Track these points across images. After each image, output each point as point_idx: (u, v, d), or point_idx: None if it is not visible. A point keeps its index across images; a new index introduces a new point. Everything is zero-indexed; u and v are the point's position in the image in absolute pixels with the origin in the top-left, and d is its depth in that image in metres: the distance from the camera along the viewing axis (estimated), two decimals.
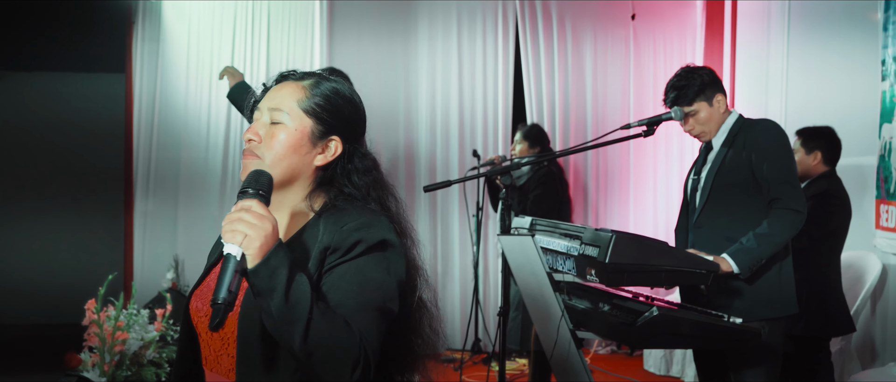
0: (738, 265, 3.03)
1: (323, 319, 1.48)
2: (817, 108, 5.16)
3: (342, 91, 1.74)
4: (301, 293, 1.47)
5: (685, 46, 6.78)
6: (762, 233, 3.05)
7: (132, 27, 6.31)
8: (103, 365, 4.31)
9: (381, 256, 1.61)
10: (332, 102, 1.71)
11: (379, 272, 1.60)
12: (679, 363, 5.66)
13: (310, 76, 1.75)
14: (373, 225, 1.62)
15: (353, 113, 1.75)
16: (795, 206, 3.07)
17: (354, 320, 1.52)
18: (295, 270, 1.49)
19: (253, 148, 1.67)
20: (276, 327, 1.47)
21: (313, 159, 1.71)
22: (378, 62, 6.55)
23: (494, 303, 6.54)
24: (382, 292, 1.59)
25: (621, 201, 6.79)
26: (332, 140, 1.71)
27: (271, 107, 1.69)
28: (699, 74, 3.28)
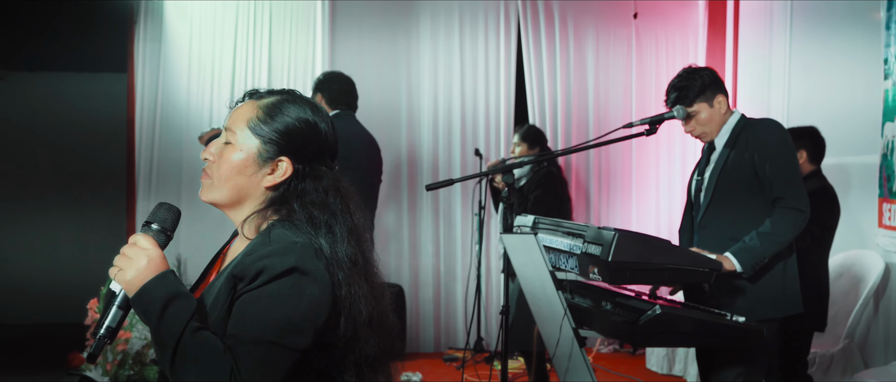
0: (741, 263, 3.03)
1: (194, 347, 1.48)
2: (819, 107, 5.16)
3: (298, 112, 1.70)
4: (173, 320, 1.50)
5: (687, 45, 6.78)
6: (765, 232, 3.05)
7: (134, 27, 6.31)
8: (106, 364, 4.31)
9: (288, 285, 1.53)
10: (281, 122, 1.68)
11: (279, 303, 1.52)
12: (681, 361, 5.66)
13: (270, 95, 1.74)
14: (282, 253, 1.55)
15: (308, 134, 1.69)
16: (799, 205, 3.07)
17: (237, 352, 1.49)
18: (175, 300, 1.52)
19: (206, 168, 1.72)
20: (156, 353, 1.53)
21: (262, 180, 1.68)
22: (380, 62, 6.55)
23: (497, 302, 6.54)
24: (279, 324, 1.51)
25: (624, 199, 6.79)
26: (282, 161, 1.68)
27: (226, 127, 1.73)
28: (700, 74, 3.28)
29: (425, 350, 6.51)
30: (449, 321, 6.60)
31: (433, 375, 5.75)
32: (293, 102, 1.71)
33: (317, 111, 1.73)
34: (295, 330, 1.52)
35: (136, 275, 1.55)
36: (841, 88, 5.03)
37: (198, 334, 1.50)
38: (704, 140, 3.34)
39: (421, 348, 6.52)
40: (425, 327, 6.57)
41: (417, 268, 6.59)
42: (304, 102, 1.73)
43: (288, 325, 1.51)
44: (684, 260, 2.91)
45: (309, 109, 1.71)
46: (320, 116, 1.73)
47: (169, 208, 1.69)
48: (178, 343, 1.48)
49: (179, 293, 1.54)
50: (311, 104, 1.73)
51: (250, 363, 1.49)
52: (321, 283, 1.56)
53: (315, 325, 1.55)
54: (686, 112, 3.27)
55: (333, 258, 1.60)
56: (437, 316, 6.59)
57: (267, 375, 1.50)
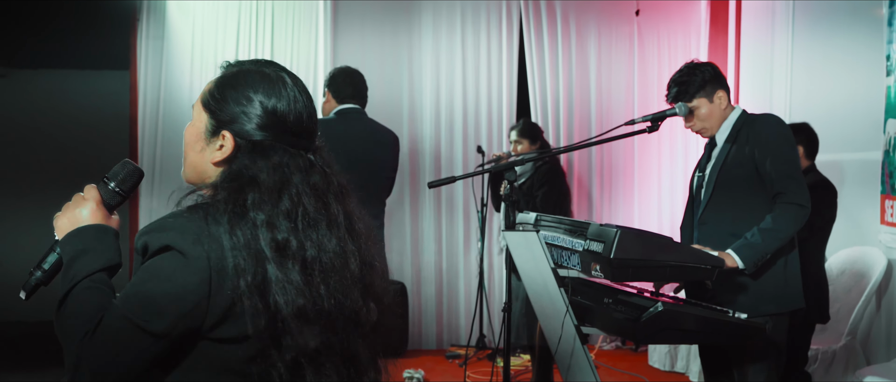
0: (743, 260, 3.03)
1: (74, 302, 1.48)
2: (821, 103, 5.16)
3: (245, 84, 1.59)
4: (74, 272, 1.51)
5: (689, 42, 6.77)
6: (767, 228, 3.05)
7: (136, 24, 6.32)
8: None
9: (159, 263, 1.45)
10: (225, 94, 1.59)
11: (146, 280, 1.45)
12: (684, 358, 5.67)
13: (233, 66, 1.66)
14: (160, 230, 1.46)
15: (250, 108, 1.57)
16: (800, 200, 3.07)
17: (103, 319, 1.44)
18: (83, 254, 1.53)
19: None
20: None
21: (210, 156, 1.60)
22: (382, 60, 6.56)
23: (499, 299, 6.55)
24: (141, 302, 1.43)
25: (626, 196, 6.79)
26: (225, 135, 1.58)
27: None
28: (701, 70, 3.28)
29: (428, 347, 6.52)
30: (451, 319, 6.61)
31: (435, 372, 5.76)
32: (245, 76, 1.60)
33: (270, 86, 1.59)
34: (154, 312, 1.42)
35: (65, 222, 1.61)
36: (843, 84, 5.03)
37: (85, 291, 1.49)
38: (705, 136, 3.34)
39: (423, 345, 6.53)
40: (428, 324, 6.58)
41: (419, 265, 6.59)
42: (259, 75, 1.60)
43: (148, 305, 1.43)
44: (686, 257, 2.91)
45: (260, 81, 1.59)
46: (272, 91, 1.58)
47: (128, 167, 1.68)
48: (67, 294, 1.49)
49: (90, 249, 1.54)
50: (266, 77, 1.60)
51: (106, 332, 1.43)
52: (196, 268, 1.43)
53: (180, 311, 1.43)
54: (688, 109, 3.27)
55: (237, 243, 1.45)
56: (439, 313, 6.60)
57: (116, 349, 1.42)
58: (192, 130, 1.63)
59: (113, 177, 1.67)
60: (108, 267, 1.55)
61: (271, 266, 1.46)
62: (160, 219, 1.50)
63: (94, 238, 1.57)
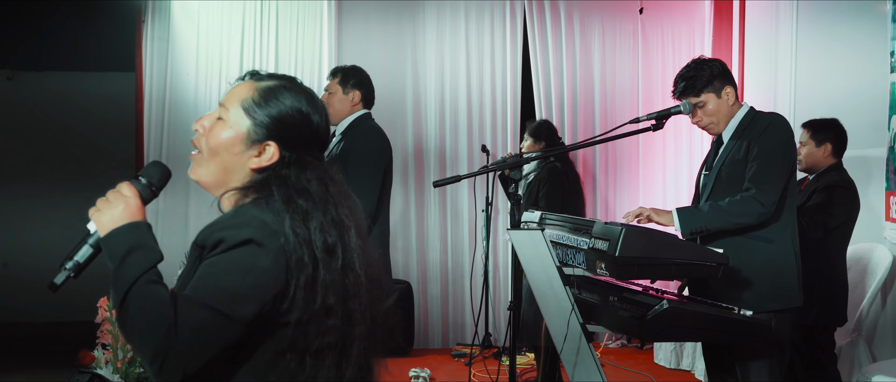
0: (682, 223, 3.07)
1: (141, 298, 1.51)
2: (826, 100, 5.15)
3: (293, 100, 1.70)
4: (130, 268, 1.53)
5: (693, 40, 6.77)
6: (721, 206, 3.07)
7: (142, 26, 6.34)
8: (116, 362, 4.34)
9: (241, 256, 1.53)
10: (275, 108, 1.68)
11: (229, 271, 1.52)
12: (689, 356, 5.67)
13: (272, 79, 1.74)
14: (240, 226, 1.55)
15: (300, 123, 1.69)
16: (765, 201, 3.05)
17: (180, 310, 1.49)
18: (138, 250, 1.56)
19: (195, 139, 1.74)
20: (112, 296, 1.55)
21: (247, 161, 1.68)
22: (386, 58, 6.56)
23: (504, 298, 6.56)
24: (225, 292, 1.51)
25: (631, 194, 6.79)
26: (269, 145, 1.67)
27: (221, 102, 1.74)
28: (709, 65, 3.27)
29: (433, 346, 6.53)
30: (457, 317, 6.62)
31: (441, 371, 5.77)
32: (290, 90, 1.71)
33: (312, 102, 1.72)
34: (239, 300, 1.51)
35: (110, 218, 1.60)
36: (847, 81, 5.02)
37: (150, 286, 1.52)
38: (711, 132, 3.33)
39: (429, 344, 6.53)
40: (433, 323, 6.59)
41: (425, 264, 6.60)
42: (302, 91, 1.73)
43: (233, 294, 1.51)
44: (691, 255, 2.91)
45: (304, 98, 1.71)
46: (315, 107, 1.72)
47: (160, 167, 1.74)
48: (129, 290, 1.51)
49: (144, 244, 1.57)
50: (308, 94, 1.73)
51: (189, 323, 1.48)
52: (274, 258, 1.54)
53: (261, 299, 1.53)
54: (692, 107, 3.27)
55: (300, 240, 1.57)
56: (444, 312, 6.61)
57: (203, 338, 1.50)
58: (229, 134, 1.69)
59: (145, 174, 1.72)
60: (158, 262, 1.59)
61: (321, 267, 1.58)
62: (230, 216, 1.58)
63: (145, 234, 1.60)
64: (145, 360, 1.50)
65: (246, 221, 1.55)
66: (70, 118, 7.74)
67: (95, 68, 7.67)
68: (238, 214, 1.58)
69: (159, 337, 1.47)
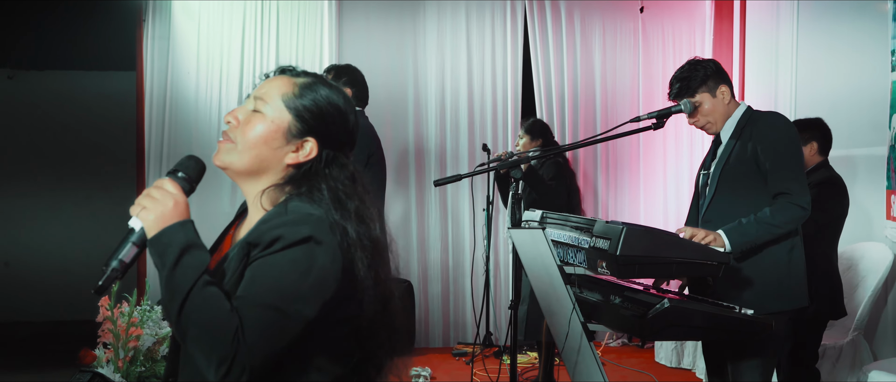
0: (731, 243, 3.03)
1: (203, 301, 1.47)
2: (827, 99, 5.15)
3: (332, 97, 1.70)
4: (188, 269, 1.49)
5: (694, 39, 6.77)
6: (764, 219, 3.05)
7: (142, 25, 6.34)
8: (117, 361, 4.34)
9: (301, 254, 1.52)
10: (316, 104, 1.68)
11: (290, 270, 1.51)
12: (690, 355, 5.67)
13: (307, 76, 1.73)
14: (298, 223, 1.54)
15: (338, 121, 1.69)
16: (803, 202, 3.06)
17: (243, 312, 1.47)
18: (192, 249, 1.52)
19: (229, 131, 1.69)
20: (164, 298, 1.51)
21: (285, 156, 1.66)
22: (387, 57, 6.57)
23: (505, 297, 6.56)
24: (288, 292, 1.50)
25: (631, 193, 6.79)
26: (308, 141, 1.67)
27: (257, 96, 1.70)
28: (703, 65, 3.28)
29: (434, 345, 6.53)
30: (458, 316, 6.62)
31: (442, 369, 5.77)
32: (328, 87, 1.71)
33: (347, 101, 1.73)
34: (302, 299, 1.51)
35: (159, 216, 1.55)
36: (848, 79, 5.02)
37: (208, 288, 1.49)
38: (709, 131, 3.33)
39: (430, 342, 6.54)
40: (434, 321, 6.59)
41: (426, 263, 6.60)
42: (338, 89, 1.73)
43: (296, 294, 1.50)
44: (692, 253, 2.91)
45: (342, 97, 1.72)
46: (351, 106, 1.73)
47: (196, 160, 1.69)
48: (189, 293, 1.47)
49: (197, 243, 1.55)
50: (343, 93, 1.73)
51: (256, 326, 1.46)
52: (333, 256, 1.55)
53: (323, 297, 1.54)
54: (692, 106, 3.27)
55: (353, 237, 1.59)
56: (445, 311, 6.61)
57: (270, 340, 1.48)
58: (269, 127, 1.66)
59: (183, 168, 1.67)
60: (209, 263, 1.56)
61: (372, 260, 1.62)
62: (281, 213, 1.56)
63: (195, 232, 1.57)
64: (210, 365, 1.46)
65: (302, 218, 1.54)
66: (71, 117, 7.73)
67: (96, 67, 7.66)
68: (291, 210, 1.56)
69: (226, 344, 1.45)
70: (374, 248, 1.63)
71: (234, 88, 6.40)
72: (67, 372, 5.03)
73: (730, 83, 3.30)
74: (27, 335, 7.11)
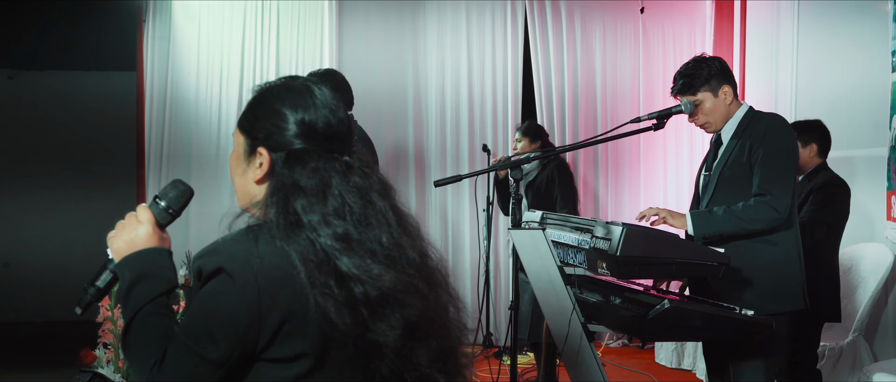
0: (695, 227, 3.06)
1: (138, 331, 1.51)
2: (827, 99, 5.15)
3: (269, 99, 1.62)
4: (136, 299, 1.53)
5: (694, 39, 6.77)
6: (736, 212, 3.05)
7: (143, 25, 6.34)
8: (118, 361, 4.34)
9: (213, 289, 1.47)
10: (256, 112, 1.62)
11: (201, 307, 1.48)
12: (690, 356, 5.67)
13: (261, 88, 1.67)
14: (213, 253, 1.48)
15: (280, 123, 1.58)
16: (779, 206, 3.04)
17: (169, 347, 1.47)
18: (143, 279, 1.54)
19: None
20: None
21: (251, 178, 1.61)
22: (387, 58, 6.57)
23: (505, 298, 6.56)
24: (195, 330, 1.46)
25: (632, 193, 6.79)
26: (260, 154, 1.59)
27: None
28: (708, 64, 3.27)
29: None
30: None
31: None
32: (271, 91, 1.63)
33: (298, 97, 1.61)
34: (208, 339, 1.45)
35: (122, 245, 1.60)
36: (848, 80, 5.02)
37: (147, 319, 1.51)
38: (709, 131, 3.32)
39: None
40: None
41: None
42: (286, 89, 1.63)
43: (202, 332, 1.46)
44: (692, 254, 2.91)
45: (285, 94, 1.61)
46: (299, 103, 1.60)
47: (180, 188, 1.69)
48: (131, 321, 1.51)
49: (150, 274, 1.55)
50: (293, 90, 1.62)
51: (172, 361, 1.46)
52: (245, 291, 1.45)
53: (234, 336, 1.45)
54: (693, 106, 3.27)
55: (305, 251, 1.47)
56: None
57: (183, 377, 1.45)
58: (234, 156, 1.65)
59: (164, 197, 1.68)
60: (167, 291, 1.57)
61: (343, 258, 1.47)
62: (213, 243, 1.51)
63: (153, 262, 1.57)
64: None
65: (217, 248, 1.49)
66: (71, 117, 7.74)
67: (97, 67, 7.67)
68: (219, 239, 1.51)
69: (146, 372, 1.47)
70: (345, 244, 1.48)
71: (235, 89, 6.41)
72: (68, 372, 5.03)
73: (734, 83, 3.29)
74: (27, 335, 7.11)
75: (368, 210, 1.55)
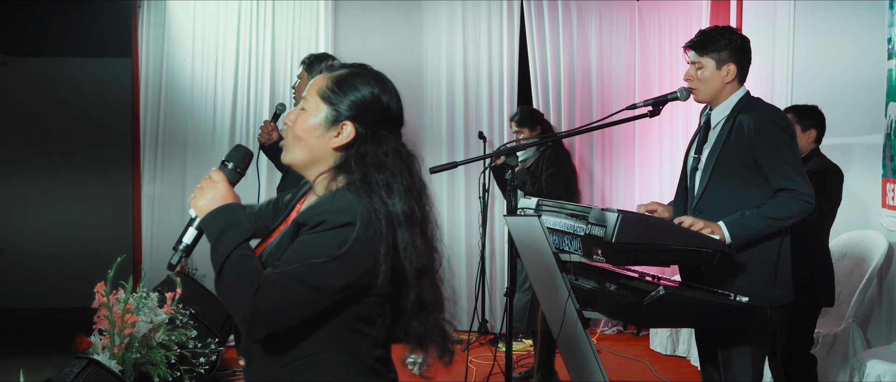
0: (732, 235, 3.02)
1: (233, 268, 1.73)
2: (823, 86, 5.15)
3: (361, 83, 1.90)
4: (225, 244, 1.76)
5: (690, 27, 6.75)
6: (766, 213, 3.03)
7: (138, 11, 6.32)
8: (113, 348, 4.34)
9: (337, 236, 1.71)
10: (344, 90, 1.88)
11: (323, 248, 1.70)
12: (685, 342, 5.69)
13: (343, 68, 1.95)
14: (342, 211, 1.73)
15: (371, 103, 1.89)
16: (806, 197, 3.04)
17: (269, 279, 1.69)
18: (229, 228, 1.78)
19: (284, 132, 1.95)
20: (212, 265, 1.77)
21: (329, 142, 1.87)
22: (383, 44, 6.55)
23: (501, 284, 6.57)
24: (315, 266, 1.69)
25: (627, 180, 6.79)
26: (346, 125, 1.86)
27: (302, 96, 1.94)
28: (729, 36, 3.23)
29: None
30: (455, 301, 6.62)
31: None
32: (360, 76, 1.92)
33: (381, 83, 1.94)
34: (327, 275, 1.69)
35: (205, 203, 1.84)
36: (845, 67, 5.02)
37: (241, 258, 1.74)
38: (696, 98, 3.29)
39: None
40: None
41: None
42: (372, 75, 1.94)
43: (322, 270, 1.68)
44: (688, 241, 2.91)
45: (374, 81, 1.92)
46: (384, 88, 1.94)
47: (242, 150, 1.99)
48: (224, 262, 1.73)
49: (234, 223, 1.80)
50: (378, 78, 1.95)
51: (276, 291, 1.67)
52: (371, 242, 1.72)
53: (351, 276, 1.71)
54: (688, 93, 3.26)
55: (388, 215, 1.75)
56: None
57: (288, 307, 1.69)
58: (310, 120, 1.88)
59: (230, 159, 1.97)
60: (248, 238, 1.80)
61: (401, 232, 1.77)
62: (330, 200, 1.76)
63: (234, 215, 1.82)
64: (238, 320, 1.71)
65: (347, 207, 1.73)
66: (66, 104, 7.72)
67: (91, 54, 7.65)
68: (338, 199, 1.75)
69: (248, 301, 1.67)
70: (406, 219, 1.78)
71: (230, 74, 6.39)
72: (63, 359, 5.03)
73: (743, 66, 3.24)
74: (23, 322, 7.11)
75: (422, 188, 1.89)
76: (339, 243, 1.70)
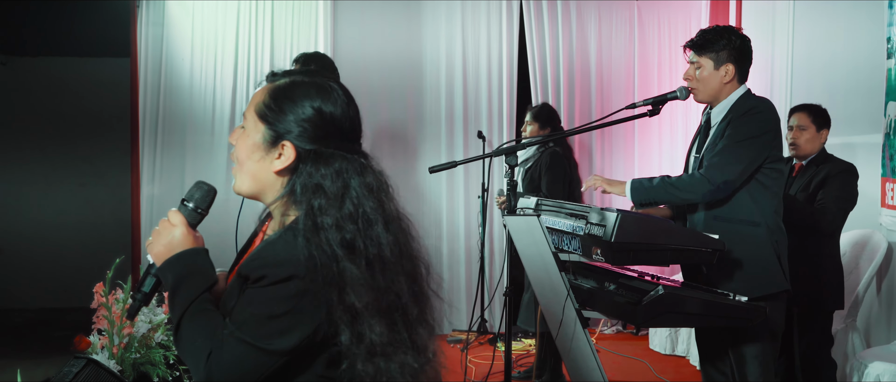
0: (633, 194, 3.18)
1: (188, 328, 1.59)
2: (823, 85, 5.15)
3: (300, 94, 1.65)
4: (182, 298, 1.62)
5: (690, 25, 6.75)
6: (671, 183, 3.14)
7: (136, 11, 6.31)
8: (112, 348, 4.34)
9: (280, 292, 1.54)
10: (280, 104, 1.65)
11: (267, 305, 1.54)
12: (684, 342, 5.69)
13: (284, 77, 1.71)
14: (282, 263, 1.55)
15: (312, 117, 1.64)
16: (714, 179, 3.08)
17: (223, 341, 1.55)
18: (187, 278, 1.63)
19: (232, 154, 1.74)
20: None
21: (270, 165, 1.65)
22: (382, 44, 6.55)
23: (500, 284, 6.56)
24: (262, 327, 1.54)
25: (626, 178, 6.77)
26: (285, 145, 1.64)
27: (244, 113, 1.72)
28: (729, 36, 3.23)
29: None
30: (453, 303, 6.62)
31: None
32: (299, 86, 1.66)
33: (324, 92, 1.66)
34: (278, 335, 1.54)
35: (161, 249, 1.67)
36: (844, 66, 5.02)
37: (197, 315, 1.60)
38: (695, 97, 3.30)
39: None
40: None
41: None
42: (313, 84, 1.67)
43: (271, 329, 1.54)
44: (686, 240, 2.91)
45: (314, 91, 1.65)
46: (327, 97, 1.65)
47: (204, 188, 1.76)
48: (180, 319, 1.60)
49: (193, 272, 1.64)
50: (320, 86, 1.67)
51: (227, 356, 1.54)
52: (320, 292, 1.55)
53: (304, 332, 1.56)
54: (687, 93, 3.26)
55: (334, 256, 1.56)
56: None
57: (240, 371, 1.55)
58: (248, 141, 1.67)
59: (191, 198, 1.75)
60: (208, 287, 1.65)
61: (344, 263, 1.56)
62: (272, 248, 1.57)
63: (192, 262, 1.66)
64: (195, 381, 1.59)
65: (286, 257, 1.55)
66: (64, 104, 7.71)
67: (90, 54, 7.64)
68: (278, 247, 1.57)
69: (201, 367, 1.55)
70: (347, 249, 1.58)
71: (229, 75, 6.38)
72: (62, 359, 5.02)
73: (743, 66, 3.24)
74: (21, 322, 7.11)
75: (377, 213, 1.63)
76: (282, 299, 1.54)
